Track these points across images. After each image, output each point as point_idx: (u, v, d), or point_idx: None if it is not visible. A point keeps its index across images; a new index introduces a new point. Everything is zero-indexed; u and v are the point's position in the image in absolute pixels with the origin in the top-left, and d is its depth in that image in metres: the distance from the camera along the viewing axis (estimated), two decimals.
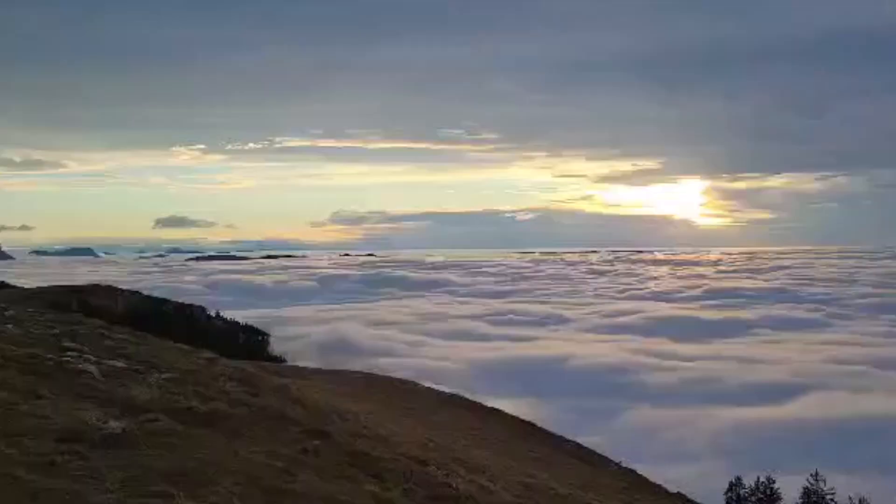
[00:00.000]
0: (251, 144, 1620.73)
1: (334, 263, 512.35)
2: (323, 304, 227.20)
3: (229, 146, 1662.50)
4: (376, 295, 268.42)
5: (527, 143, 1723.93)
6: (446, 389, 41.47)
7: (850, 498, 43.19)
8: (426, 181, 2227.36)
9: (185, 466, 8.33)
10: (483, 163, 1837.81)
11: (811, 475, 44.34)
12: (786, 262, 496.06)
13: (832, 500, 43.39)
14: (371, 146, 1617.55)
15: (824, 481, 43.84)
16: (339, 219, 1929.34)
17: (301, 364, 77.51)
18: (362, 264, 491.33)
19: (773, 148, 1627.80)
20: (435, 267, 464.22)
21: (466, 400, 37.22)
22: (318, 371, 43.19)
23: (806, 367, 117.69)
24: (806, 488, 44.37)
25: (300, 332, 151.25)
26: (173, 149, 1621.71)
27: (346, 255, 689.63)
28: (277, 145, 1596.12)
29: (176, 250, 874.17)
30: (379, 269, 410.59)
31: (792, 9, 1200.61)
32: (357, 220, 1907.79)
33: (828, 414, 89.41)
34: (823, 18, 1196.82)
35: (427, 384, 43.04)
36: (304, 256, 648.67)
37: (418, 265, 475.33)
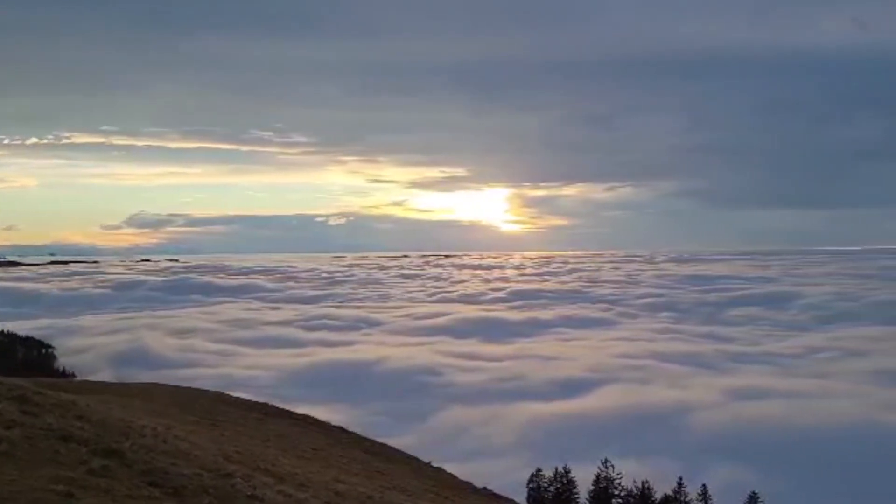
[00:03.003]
0: (34, 139, 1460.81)
1: (131, 269, 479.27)
2: (118, 312, 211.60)
3: (7, 140, 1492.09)
4: (179, 302, 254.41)
5: (339, 147, 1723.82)
6: (256, 398, 40.24)
7: (634, 481, 47.56)
8: (233, 183, 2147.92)
9: None
10: (294, 165, 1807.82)
11: (602, 462, 48.34)
12: (579, 266, 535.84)
13: (619, 483, 47.57)
14: (172, 145, 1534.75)
15: (613, 467, 47.95)
16: (136, 222, 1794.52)
17: (93, 378, 71.78)
18: (164, 270, 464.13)
19: (568, 158, 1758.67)
20: (243, 272, 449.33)
21: (277, 408, 36.32)
22: (112, 385, 40.13)
23: (598, 362, 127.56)
24: (597, 475, 48.31)
25: (92, 344, 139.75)
26: None
27: (146, 260, 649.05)
28: (65, 141, 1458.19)
29: None
30: (182, 275, 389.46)
31: (589, 29, 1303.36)
32: (157, 223, 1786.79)
33: (618, 405, 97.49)
34: (617, 39, 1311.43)
35: (236, 394, 41.51)
36: (96, 262, 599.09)
37: (226, 270, 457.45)
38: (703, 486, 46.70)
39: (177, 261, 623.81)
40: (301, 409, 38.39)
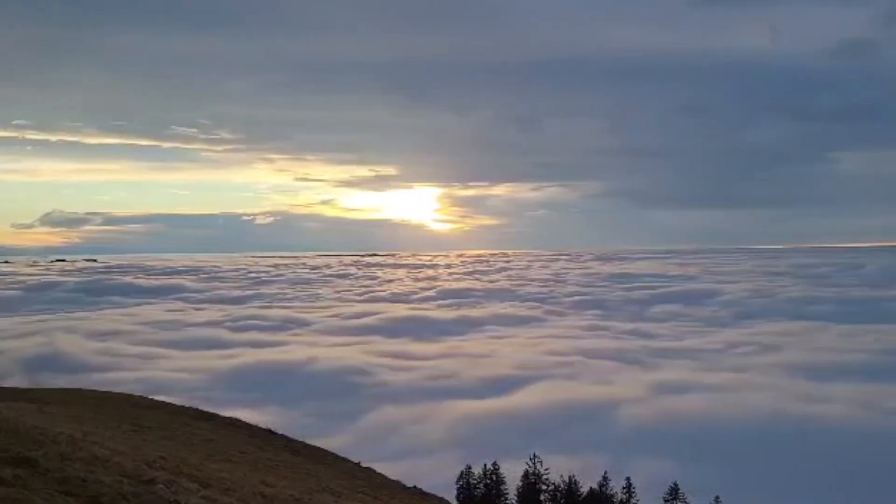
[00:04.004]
0: None
1: (44, 269, 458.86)
2: (32, 314, 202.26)
3: None
4: (98, 303, 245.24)
5: (266, 145, 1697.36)
6: (181, 402, 39.17)
7: (561, 476, 48.37)
8: (156, 181, 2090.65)
9: None
10: (219, 163, 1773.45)
11: (530, 458, 48.98)
12: (508, 264, 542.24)
13: (547, 479, 48.31)
14: (91, 141, 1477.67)
15: (541, 462, 48.65)
16: (51, 220, 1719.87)
17: (4, 384, 68.48)
18: (81, 270, 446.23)
19: (497, 159, 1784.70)
20: (166, 272, 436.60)
21: (202, 411, 35.43)
22: (25, 391, 38.47)
23: (528, 359, 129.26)
24: (526, 471, 48.92)
25: (3, 348, 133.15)
26: None
27: (61, 260, 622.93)
28: None
29: None
30: (101, 276, 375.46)
31: (518, 31, 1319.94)
32: (74, 221, 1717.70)
33: (547, 401, 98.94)
34: (544, 42, 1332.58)
35: (160, 398, 40.33)
36: (6, 262, 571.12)
37: (147, 270, 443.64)
38: (627, 479, 47.88)
39: (95, 261, 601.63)
40: (229, 412, 37.54)
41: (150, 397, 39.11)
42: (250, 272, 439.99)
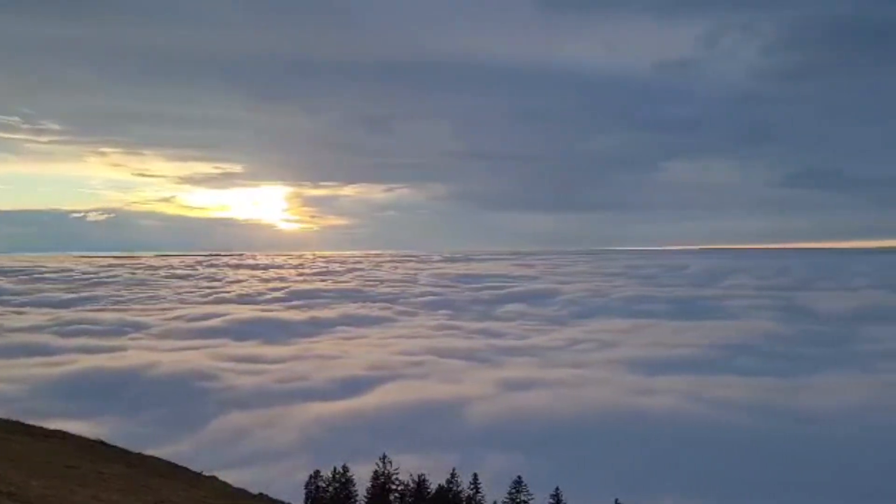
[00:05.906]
0: None
1: None
2: None
3: None
4: None
5: (100, 138, 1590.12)
6: None
7: (410, 475, 48.83)
8: None
9: None
10: (45, 155, 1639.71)
11: (380, 459, 49.07)
12: (358, 265, 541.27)
13: (397, 478, 48.61)
14: None
15: (391, 462, 48.86)
16: None
17: None
18: None
19: (347, 159, 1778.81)
20: None
21: (23, 424, 32.45)
22: None
23: (380, 360, 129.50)
24: (375, 471, 48.96)
25: None
26: None
27: None
28: None
29: None
30: None
31: (366, 32, 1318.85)
32: None
33: (399, 401, 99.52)
34: (392, 44, 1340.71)
35: None
36: None
37: None
38: (474, 474, 49.06)
39: None
40: (56, 424, 34.64)
41: None
42: (80, 273, 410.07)
